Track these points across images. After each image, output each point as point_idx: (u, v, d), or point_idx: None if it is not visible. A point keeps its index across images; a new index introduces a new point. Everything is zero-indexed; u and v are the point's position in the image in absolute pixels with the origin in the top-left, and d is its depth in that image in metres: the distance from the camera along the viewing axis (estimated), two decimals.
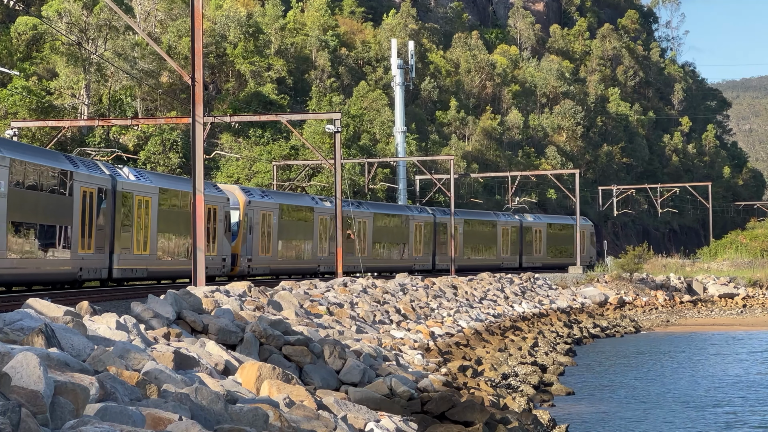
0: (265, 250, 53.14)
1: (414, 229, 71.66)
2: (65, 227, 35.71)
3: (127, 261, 40.76)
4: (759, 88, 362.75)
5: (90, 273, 38.23)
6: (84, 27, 79.40)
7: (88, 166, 38.69)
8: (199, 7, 31.74)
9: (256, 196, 53.61)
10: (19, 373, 9.68)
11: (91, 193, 37.73)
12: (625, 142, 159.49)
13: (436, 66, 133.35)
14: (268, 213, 53.36)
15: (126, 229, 40.78)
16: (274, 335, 21.23)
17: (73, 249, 36.31)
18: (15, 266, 32.28)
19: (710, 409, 29.71)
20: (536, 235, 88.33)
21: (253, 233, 51.88)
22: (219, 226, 48.73)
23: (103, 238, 38.81)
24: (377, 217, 67.71)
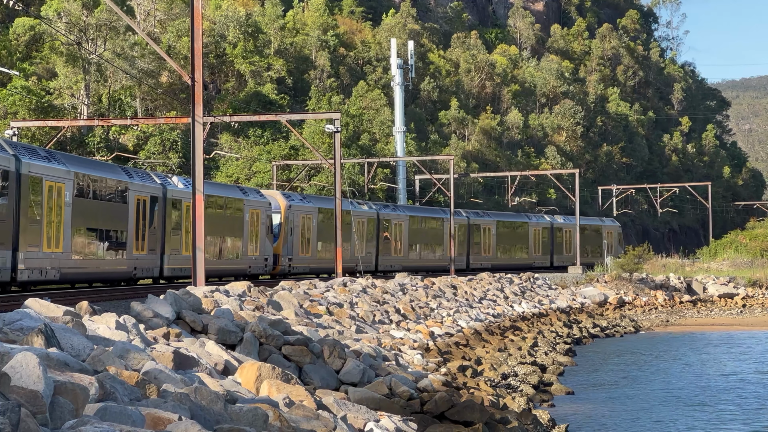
0: (305, 251, 56.79)
1: (448, 231, 74.26)
2: (121, 231, 40.04)
3: (176, 261, 44.53)
4: (759, 88, 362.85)
5: (143, 272, 42.18)
6: (84, 27, 79.41)
7: (141, 176, 43.16)
8: (198, 7, 31.74)
9: (296, 200, 57.28)
10: (18, 373, 9.68)
11: (144, 200, 41.91)
12: (625, 141, 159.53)
13: (436, 66, 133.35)
14: (307, 216, 57.12)
15: (175, 233, 44.59)
16: (273, 335, 21.23)
17: (128, 250, 40.49)
18: (79, 266, 36.64)
19: (710, 409, 29.71)
20: (566, 235, 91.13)
21: (294, 235, 55.47)
22: (261, 229, 52.50)
23: (155, 241, 42.88)
24: (413, 219, 71.74)
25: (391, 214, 68.93)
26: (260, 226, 52.48)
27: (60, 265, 35.24)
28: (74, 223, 35.81)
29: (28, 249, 32.87)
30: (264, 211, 53.13)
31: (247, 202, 51.78)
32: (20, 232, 32.34)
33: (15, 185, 32.05)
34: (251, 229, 51.36)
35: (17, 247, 32.26)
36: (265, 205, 53.56)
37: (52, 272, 34.70)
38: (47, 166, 34.43)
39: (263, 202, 53.57)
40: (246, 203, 51.69)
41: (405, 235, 70.18)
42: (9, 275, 32.06)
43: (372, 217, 65.86)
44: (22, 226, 32.37)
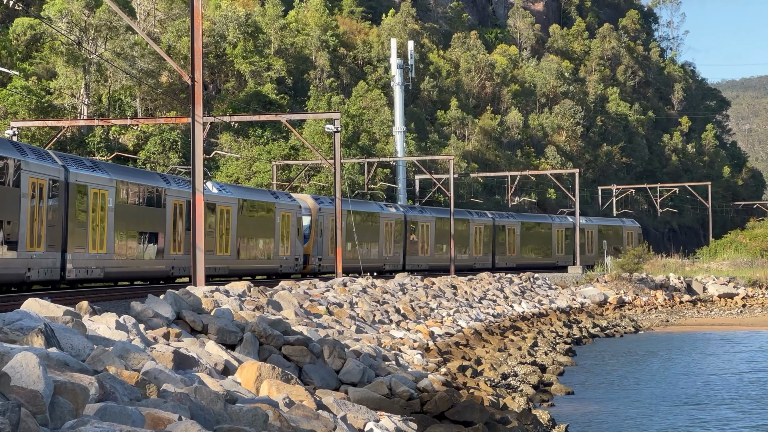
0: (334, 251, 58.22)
1: (474, 232, 78.69)
2: (160, 234, 43.18)
3: (212, 261, 46.57)
4: (759, 88, 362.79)
5: (180, 271, 44.95)
6: (84, 27, 79.42)
7: (178, 182, 46.12)
8: (198, 7, 31.74)
9: (325, 203, 59.94)
10: (18, 373, 9.68)
11: (181, 205, 44.78)
12: (625, 141, 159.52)
13: (436, 66, 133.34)
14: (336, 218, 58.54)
15: (210, 234, 46.86)
16: (273, 335, 21.22)
17: (165, 251, 43.60)
18: (120, 265, 40.21)
19: (710, 409, 29.71)
20: (588, 236, 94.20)
21: (323, 236, 58.51)
22: (292, 230, 55.62)
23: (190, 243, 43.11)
24: (439, 221, 74.24)
25: (418, 216, 72.07)
26: (291, 227, 55.45)
27: (104, 264, 38.67)
28: (117, 227, 39.29)
29: (75, 250, 36.28)
30: (294, 214, 56.07)
31: (278, 205, 54.59)
32: (69, 235, 35.84)
33: (64, 193, 35.65)
34: (282, 230, 54.34)
35: (66, 249, 35.70)
36: (296, 208, 56.49)
37: (96, 271, 38.10)
38: (92, 174, 37.92)
39: (294, 205, 56.53)
40: (277, 206, 54.47)
41: (431, 236, 72.97)
42: (59, 274, 35.45)
43: (399, 219, 68.99)
44: (70, 229, 35.90)
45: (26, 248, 32.88)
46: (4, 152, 31.72)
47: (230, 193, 51.07)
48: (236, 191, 52.63)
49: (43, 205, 34.06)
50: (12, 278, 32.63)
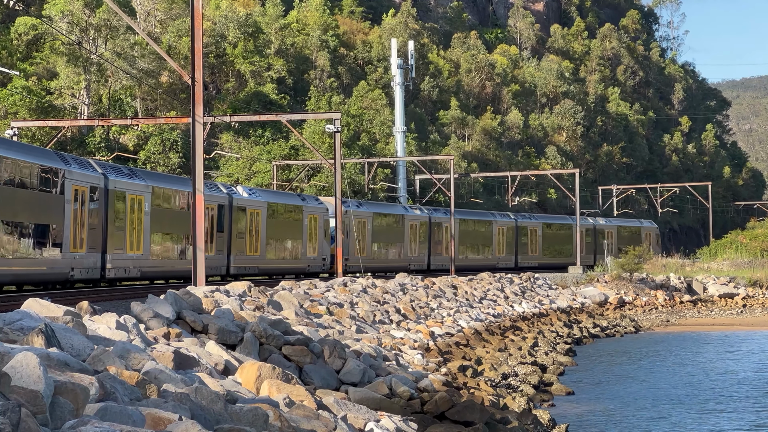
0: (361, 251, 62.41)
1: (497, 233, 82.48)
2: None
3: (240, 261, 50.70)
4: (759, 88, 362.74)
5: (212, 270, 47.34)
6: (84, 27, 79.42)
7: (209, 187, 48.69)
8: (198, 6, 31.74)
9: (351, 206, 63.15)
10: (18, 373, 9.68)
11: (212, 208, 47.66)
12: (625, 141, 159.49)
13: (436, 66, 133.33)
14: (362, 220, 63.26)
15: (240, 236, 50.74)
16: (273, 335, 21.21)
17: None
18: (156, 265, 43.20)
19: (710, 409, 29.71)
20: (608, 236, 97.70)
21: (350, 237, 61.19)
22: (319, 232, 58.91)
23: (222, 243, 48.96)
24: (463, 222, 78.22)
25: (442, 218, 75.03)
26: (318, 229, 58.78)
27: (140, 264, 41.66)
28: (152, 229, 42.18)
29: (114, 251, 39.37)
30: (322, 216, 59.27)
31: (306, 208, 58.00)
32: (108, 238, 38.95)
33: (104, 199, 38.75)
34: (310, 232, 57.71)
35: (106, 250, 38.82)
36: (323, 211, 59.66)
37: (134, 271, 41.20)
38: (129, 181, 41.06)
39: (321, 207, 59.85)
40: (305, 209, 57.84)
41: (456, 237, 75.13)
42: (99, 273, 38.52)
43: (424, 221, 72.34)
44: (109, 232, 39.03)
45: (69, 249, 36.06)
46: (50, 163, 35.16)
47: (259, 197, 54.34)
48: (265, 195, 55.84)
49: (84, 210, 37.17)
50: (57, 277, 35.80)
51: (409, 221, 70.02)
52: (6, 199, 31.98)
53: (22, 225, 33.25)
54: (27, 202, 33.48)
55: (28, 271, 33.92)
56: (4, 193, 31.84)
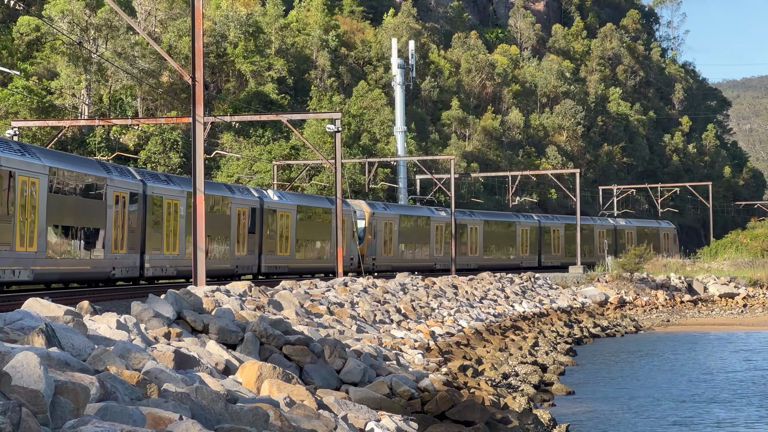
0: (388, 251, 67.22)
1: (520, 233, 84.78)
2: (226, 236, 49.09)
3: (273, 260, 53.28)
4: (759, 88, 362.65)
5: (244, 269, 50.78)
6: (85, 27, 79.41)
7: (242, 191, 52.40)
8: (199, 6, 31.74)
9: (379, 208, 67.48)
10: (19, 373, 9.68)
11: (245, 211, 50.73)
12: (626, 141, 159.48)
13: (437, 66, 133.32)
14: (389, 222, 67.52)
15: (271, 236, 53.46)
16: (274, 335, 21.21)
17: (231, 252, 49.52)
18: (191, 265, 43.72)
19: (710, 408, 29.71)
20: (628, 236, 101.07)
21: (377, 238, 65.48)
22: (348, 233, 60.74)
23: (253, 244, 51.76)
24: (487, 223, 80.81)
25: (467, 219, 77.88)
26: (346, 231, 60.18)
27: (177, 264, 44.21)
28: (188, 231, 44.03)
29: (152, 252, 42.16)
30: (350, 218, 61.79)
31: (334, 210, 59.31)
32: (146, 239, 41.77)
33: (142, 203, 41.65)
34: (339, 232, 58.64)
35: (144, 251, 41.65)
36: (351, 213, 62.50)
37: (170, 270, 43.90)
38: (166, 187, 43.89)
39: (348, 210, 62.21)
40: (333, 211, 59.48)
41: (480, 237, 79.02)
42: (138, 272, 41.44)
43: (449, 222, 73.89)
44: (147, 234, 41.85)
45: (111, 250, 39.20)
46: (94, 171, 38.54)
47: (289, 199, 57.04)
48: (294, 198, 58.59)
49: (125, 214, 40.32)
50: (100, 275, 39.11)
51: (435, 222, 72.78)
52: (56, 205, 35.11)
53: (69, 229, 36.43)
54: (73, 208, 36.70)
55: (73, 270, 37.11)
56: (54, 201, 34.94)
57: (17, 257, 32.96)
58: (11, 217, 32.32)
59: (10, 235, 32.39)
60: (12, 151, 33.19)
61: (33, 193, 33.69)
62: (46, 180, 34.57)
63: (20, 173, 32.91)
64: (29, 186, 33.43)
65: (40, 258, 34.39)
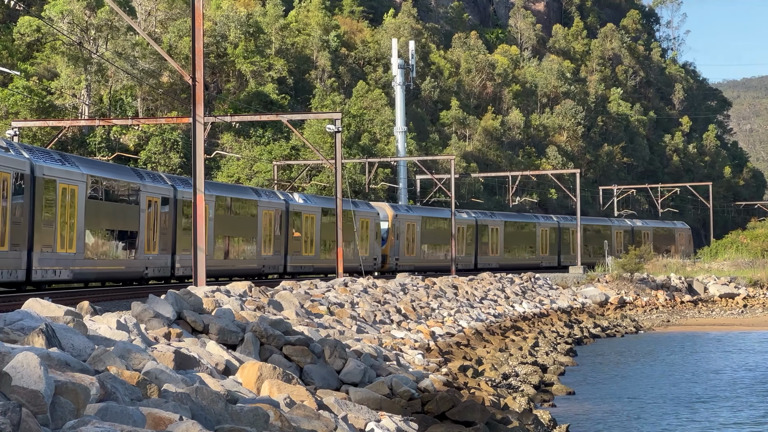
0: (410, 252, 70.50)
1: (540, 234, 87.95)
2: (252, 237, 52.14)
3: (297, 260, 56.39)
4: (760, 88, 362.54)
5: (270, 269, 53.94)
6: (85, 27, 79.41)
7: (268, 195, 55.58)
8: (199, 6, 31.74)
9: (402, 210, 71.32)
10: (19, 373, 9.68)
11: (271, 214, 53.77)
12: (626, 141, 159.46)
13: (437, 66, 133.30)
14: (412, 223, 70.83)
15: (296, 238, 56.42)
16: (274, 335, 21.20)
17: (257, 252, 52.63)
18: (219, 264, 48.45)
19: (710, 408, 29.72)
20: (644, 236, 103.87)
21: (400, 239, 68.79)
22: (371, 234, 65.16)
23: (279, 245, 54.59)
24: (507, 224, 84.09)
25: (488, 220, 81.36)
26: (370, 232, 64.95)
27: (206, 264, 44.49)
28: (215, 233, 47.51)
29: (182, 252, 44.61)
30: (373, 220, 65.53)
31: (357, 213, 63.65)
32: (177, 241, 44.53)
33: (173, 207, 44.47)
34: (361, 234, 63.48)
35: (175, 251, 44.44)
36: (374, 215, 66.08)
37: None
38: None
39: (372, 212, 66.20)
40: (356, 214, 63.24)
41: (501, 238, 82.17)
42: (169, 272, 44.47)
43: (471, 224, 78.12)
44: (178, 236, 44.59)
45: (144, 251, 42.01)
46: (128, 178, 41.65)
47: (314, 203, 60.08)
48: (319, 201, 61.42)
49: (156, 217, 43.17)
50: (134, 275, 42.08)
51: (457, 224, 74.64)
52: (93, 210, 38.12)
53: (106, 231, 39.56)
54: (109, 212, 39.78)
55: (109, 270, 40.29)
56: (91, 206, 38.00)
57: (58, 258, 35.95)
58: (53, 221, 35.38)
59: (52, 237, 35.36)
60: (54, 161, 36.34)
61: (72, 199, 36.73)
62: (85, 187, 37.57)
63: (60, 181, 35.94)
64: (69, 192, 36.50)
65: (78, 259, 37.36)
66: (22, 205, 33.58)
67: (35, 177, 34.47)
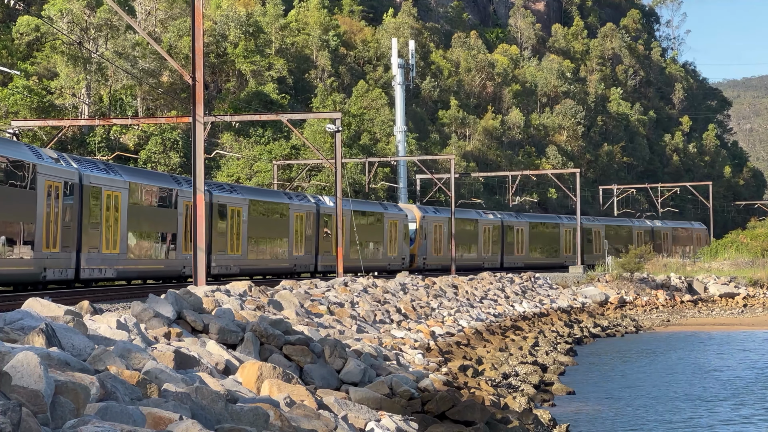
0: (437, 252, 73.57)
1: (564, 234, 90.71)
2: (284, 239, 55.64)
3: (327, 260, 59.61)
4: (760, 88, 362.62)
5: (302, 267, 57.57)
6: (85, 26, 79.40)
7: (300, 198, 59.28)
8: (199, 6, 31.74)
9: (429, 212, 73.95)
10: (19, 373, 9.68)
11: (303, 215, 57.39)
12: (626, 141, 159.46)
13: (437, 66, 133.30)
14: (439, 224, 73.97)
15: (327, 238, 59.53)
16: (274, 335, 21.20)
17: (289, 252, 56.03)
18: (252, 263, 52.15)
19: (710, 408, 29.72)
20: (664, 237, 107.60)
21: (427, 239, 71.97)
22: (399, 235, 68.37)
23: (310, 245, 58.46)
24: (532, 225, 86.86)
25: (514, 221, 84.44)
26: (398, 233, 68.27)
27: (240, 263, 50.79)
28: (249, 235, 51.35)
29: (218, 252, 48.22)
30: (401, 221, 68.74)
31: (386, 215, 67.31)
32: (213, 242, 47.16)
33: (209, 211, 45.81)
34: (390, 235, 67.26)
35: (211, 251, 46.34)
36: (402, 217, 69.30)
37: (234, 268, 50.16)
38: (229, 196, 50.34)
39: (401, 214, 69.41)
40: (385, 215, 67.09)
41: (525, 238, 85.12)
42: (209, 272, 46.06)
43: (497, 224, 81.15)
44: (213, 238, 47.37)
45: (182, 251, 45.03)
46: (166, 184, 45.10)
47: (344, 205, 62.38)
48: (350, 204, 63.58)
49: None
50: (172, 273, 45.20)
51: (483, 224, 78.67)
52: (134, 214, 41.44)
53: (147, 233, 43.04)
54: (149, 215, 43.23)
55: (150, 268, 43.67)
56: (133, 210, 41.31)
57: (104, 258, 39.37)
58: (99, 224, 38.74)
59: (98, 239, 38.74)
60: (99, 170, 39.91)
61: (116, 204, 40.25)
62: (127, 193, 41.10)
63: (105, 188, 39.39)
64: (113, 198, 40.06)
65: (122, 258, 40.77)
66: (72, 211, 36.60)
67: (83, 185, 37.70)
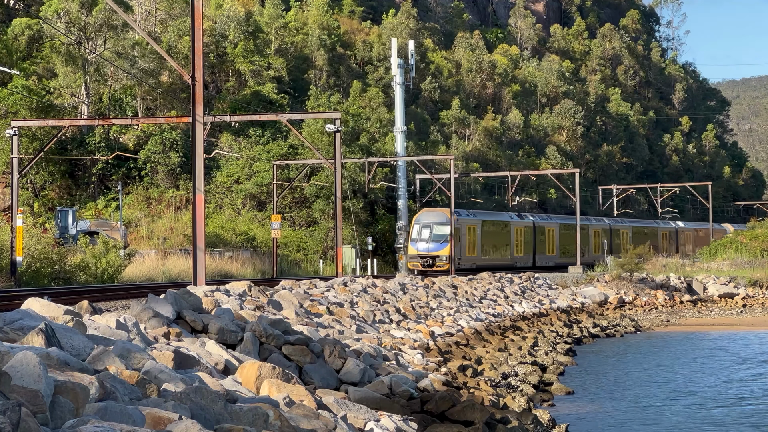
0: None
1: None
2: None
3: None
4: (759, 88, 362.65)
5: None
6: (83, 26, 79.38)
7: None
8: (199, 6, 31.74)
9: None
10: (19, 373, 9.68)
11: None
12: (626, 141, 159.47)
13: (437, 66, 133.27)
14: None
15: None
16: (274, 335, 21.20)
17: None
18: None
19: (710, 408, 29.71)
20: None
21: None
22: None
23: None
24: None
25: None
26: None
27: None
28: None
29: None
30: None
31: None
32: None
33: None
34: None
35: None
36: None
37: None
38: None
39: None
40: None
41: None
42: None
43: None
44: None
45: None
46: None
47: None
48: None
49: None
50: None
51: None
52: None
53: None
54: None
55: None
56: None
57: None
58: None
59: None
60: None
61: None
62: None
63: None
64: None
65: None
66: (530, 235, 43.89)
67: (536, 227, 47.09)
